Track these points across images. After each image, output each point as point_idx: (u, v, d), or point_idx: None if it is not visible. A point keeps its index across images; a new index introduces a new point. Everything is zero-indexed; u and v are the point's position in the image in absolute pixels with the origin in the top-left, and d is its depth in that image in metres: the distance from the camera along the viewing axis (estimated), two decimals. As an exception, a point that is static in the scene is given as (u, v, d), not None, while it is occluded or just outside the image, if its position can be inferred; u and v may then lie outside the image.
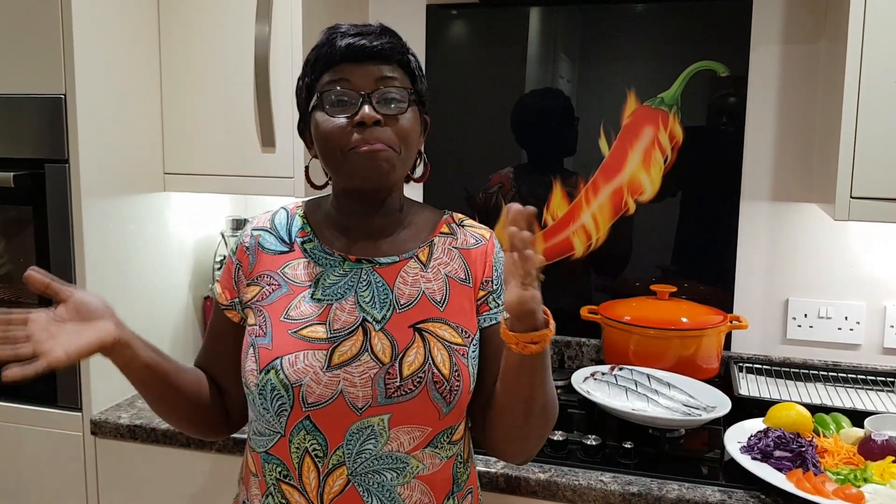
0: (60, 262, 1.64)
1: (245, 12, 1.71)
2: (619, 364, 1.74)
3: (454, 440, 1.10)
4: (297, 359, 1.04)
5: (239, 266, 1.14)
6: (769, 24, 1.84)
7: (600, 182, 1.96)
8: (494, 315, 1.13)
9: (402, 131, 1.05)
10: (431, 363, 1.04)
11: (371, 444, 1.03)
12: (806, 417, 1.46)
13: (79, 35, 1.59)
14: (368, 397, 1.03)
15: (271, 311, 1.09)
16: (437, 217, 1.18)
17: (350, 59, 1.05)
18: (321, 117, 1.06)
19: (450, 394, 1.05)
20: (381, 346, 1.05)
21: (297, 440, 1.04)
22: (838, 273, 1.86)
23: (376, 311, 1.07)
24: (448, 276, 1.12)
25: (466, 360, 1.08)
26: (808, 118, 1.84)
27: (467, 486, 1.15)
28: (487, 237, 1.17)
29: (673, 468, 1.41)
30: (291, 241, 1.14)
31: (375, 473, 1.04)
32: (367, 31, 1.07)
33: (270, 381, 1.04)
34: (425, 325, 1.07)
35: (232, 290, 1.15)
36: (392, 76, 1.06)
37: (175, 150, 1.83)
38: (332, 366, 1.03)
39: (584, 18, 1.96)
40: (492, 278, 1.14)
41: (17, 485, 1.75)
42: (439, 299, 1.10)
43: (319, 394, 1.02)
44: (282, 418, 1.04)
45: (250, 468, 1.13)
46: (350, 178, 1.07)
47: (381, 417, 1.03)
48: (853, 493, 1.24)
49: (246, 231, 1.17)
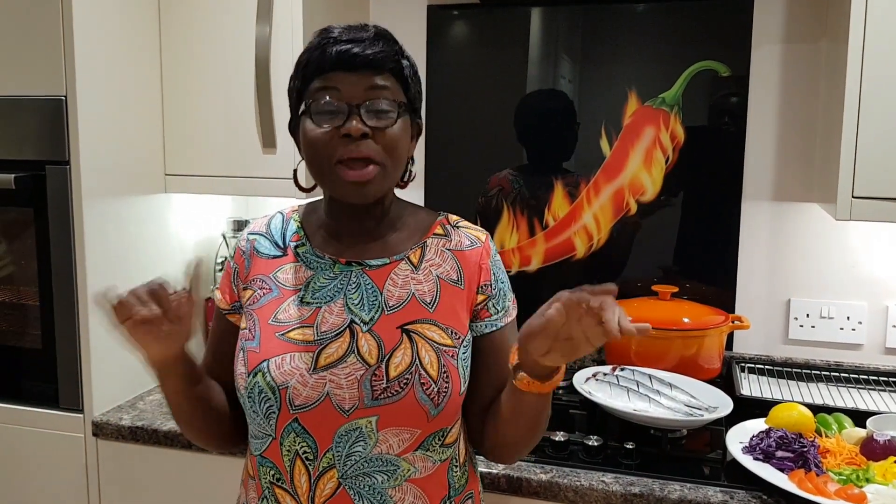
0: (61, 264, 1.64)
1: (245, 13, 1.71)
2: (620, 364, 1.74)
3: (447, 443, 1.09)
4: (283, 361, 1.04)
5: (236, 270, 1.16)
6: (770, 23, 1.84)
7: (601, 182, 1.96)
8: (495, 322, 1.12)
9: (389, 144, 1.04)
10: (419, 364, 1.03)
11: (360, 447, 1.03)
12: (808, 417, 1.46)
13: (79, 36, 1.59)
14: (355, 399, 1.02)
15: (260, 314, 1.09)
16: (431, 219, 1.16)
17: (341, 67, 1.03)
18: (308, 125, 1.05)
19: (438, 395, 1.03)
20: (367, 348, 1.04)
21: (288, 443, 1.04)
22: (840, 273, 1.86)
23: (364, 312, 1.07)
24: (440, 277, 1.10)
25: (456, 361, 1.06)
26: (809, 118, 1.84)
27: (466, 490, 1.13)
28: (483, 239, 1.15)
29: (675, 469, 1.41)
30: (285, 245, 1.14)
31: (366, 476, 1.04)
32: (359, 38, 1.04)
33: (258, 383, 1.04)
34: (413, 327, 1.06)
35: (232, 294, 1.16)
36: (383, 85, 1.04)
37: (176, 151, 1.83)
38: (319, 368, 1.03)
39: (585, 18, 1.96)
40: (490, 282, 1.12)
41: (18, 486, 1.75)
42: (429, 301, 1.09)
43: (306, 396, 1.02)
44: (271, 421, 1.04)
45: (249, 471, 1.14)
46: (334, 191, 1.07)
47: (368, 419, 1.02)
48: (855, 493, 1.24)
49: (243, 235, 1.18)
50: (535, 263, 2.04)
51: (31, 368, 1.71)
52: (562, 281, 2.01)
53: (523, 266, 2.04)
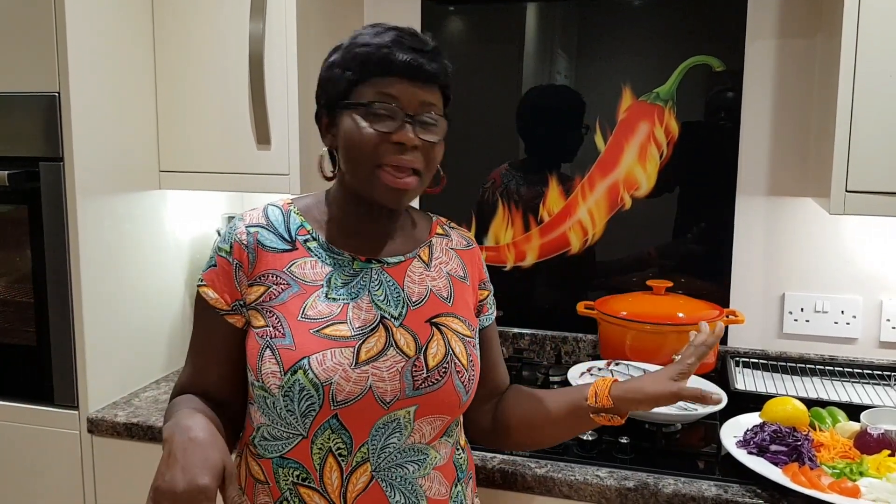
0: (55, 261, 1.64)
1: (239, 10, 1.71)
2: (615, 359, 1.74)
3: (456, 428, 1.16)
4: (325, 357, 1.02)
5: (239, 266, 1.08)
6: (764, 18, 1.84)
7: (596, 178, 1.96)
8: (490, 316, 1.25)
9: (432, 158, 1.08)
10: (452, 354, 1.09)
11: (396, 438, 1.05)
12: (802, 411, 1.46)
13: (73, 33, 1.58)
14: (397, 390, 1.04)
15: (285, 310, 1.05)
16: (428, 219, 1.23)
17: (407, 75, 1.03)
18: (358, 122, 1.03)
19: (469, 382, 1.10)
20: (404, 341, 1.07)
21: (321, 440, 1.03)
22: (834, 267, 1.86)
23: (392, 308, 1.09)
24: (450, 274, 1.17)
25: (477, 350, 1.15)
26: (803, 112, 1.84)
27: (468, 471, 1.19)
28: (473, 240, 1.26)
29: (669, 463, 1.41)
30: (293, 238, 1.10)
31: (398, 467, 1.06)
32: (424, 49, 1.05)
33: (298, 381, 1.01)
34: (439, 320, 1.11)
35: (233, 293, 1.09)
36: (433, 103, 1.06)
37: (170, 147, 1.83)
38: (360, 362, 1.03)
39: (580, 13, 1.96)
40: (486, 280, 1.24)
41: (13, 483, 1.75)
42: (446, 295, 1.14)
43: (349, 391, 1.02)
44: (307, 419, 1.02)
45: (255, 476, 1.10)
46: (370, 193, 1.06)
47: (407, 410, 1.05)
48: (849, 486, 1.24)
49: (238, 229, 1.10)
50: (530, 259, 2.04)
51: (25, 365, 1.71)
52: (557, 276, 2.01)
53: (518, 261, 2.05)
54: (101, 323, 1.69)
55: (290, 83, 1.69)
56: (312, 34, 1.75)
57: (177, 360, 1.94)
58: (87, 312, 1.65)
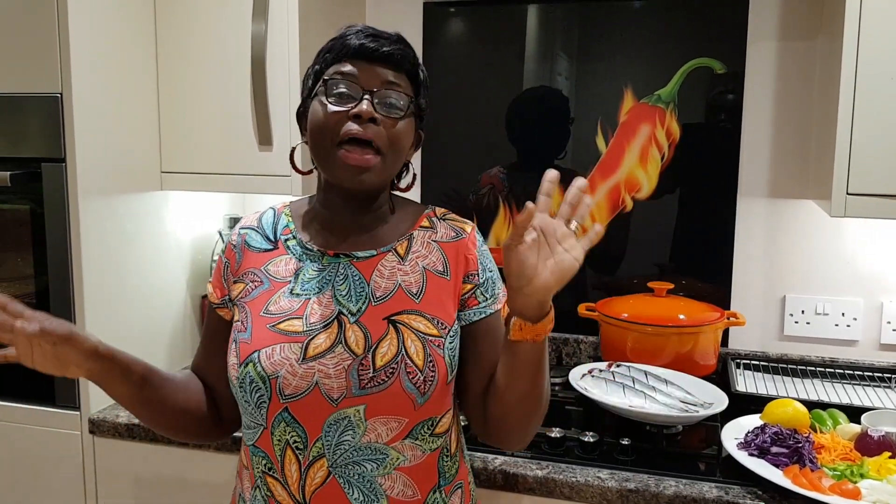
0: (58, 262, 1.64)
1: (242, 11, 1.71)
2: (616, 361, 1.74)
3: (437, 433, 1.10)
4: (273, 351, 1.06)
5: (227, 264, 1.18)
6: (766, 20, 1.85)
7: (598, 179, 1.96)
8: (484, 309, 1.14)
9: (394, 136, 1.07)
10: (405, 354, 1.05)
11: (349, 436, 1.05)
12: (803, 413, 1.46)
13: (75, 34, 1.58)
14: (343, 388, 1.04)
15: (252, 306, 1.12)
16: (418, 212, 1.19)
17: (361, 56, 1.07)
18: (319, 104, 1.08)
19: (424, 384, 1.05)
20: (354, 338, 1.06)
21: (279, 432, 1.06)
22: (835, 269, 1.87)
23: (352, 304, 1.09)
24: (426, 268, 1.12)
25: (442, 350, 1.08)
26: (804, 115, 1.84)
27: (456, 480, 1.15)
28: (469, 230, 1.17)
29: (670, 465, 1.42)
30: (276, 239, 1.17)
31: (355, 465, 1.06)
32: (382, 35, 1.09)
33: (249, 373, 1.06)
34: (400, 317, 1.08)
35: (222, 288, 1.18)
36: (397, 82, 1.08)
37: (172, 148, 1.83)
38: (307, 358, 1.05)
39: (581, 15, 1.96)
40: (477, 272, 1.14)
41: (15, 484, 1.75)
42: (415, 291, 1.11)
43: (296, 385, 1.04)
44: (262, 410, 1.06)
45: (243, 461, 1.16)
46: (332, 173, 1.09)
47: (356, 408, 1.04)
48: (850, 488, 1.24)
49: (234, 230, 1.20)
50: (532, 260, 2.03)
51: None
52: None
53: (519, 263, 2.04)
54: (103, 323, 1.69)
55: (292, 84, 1.70)
56: (314, 35, 1.75)
57: (178, 360, 1.94)
58: (89, 313, 1.65)
